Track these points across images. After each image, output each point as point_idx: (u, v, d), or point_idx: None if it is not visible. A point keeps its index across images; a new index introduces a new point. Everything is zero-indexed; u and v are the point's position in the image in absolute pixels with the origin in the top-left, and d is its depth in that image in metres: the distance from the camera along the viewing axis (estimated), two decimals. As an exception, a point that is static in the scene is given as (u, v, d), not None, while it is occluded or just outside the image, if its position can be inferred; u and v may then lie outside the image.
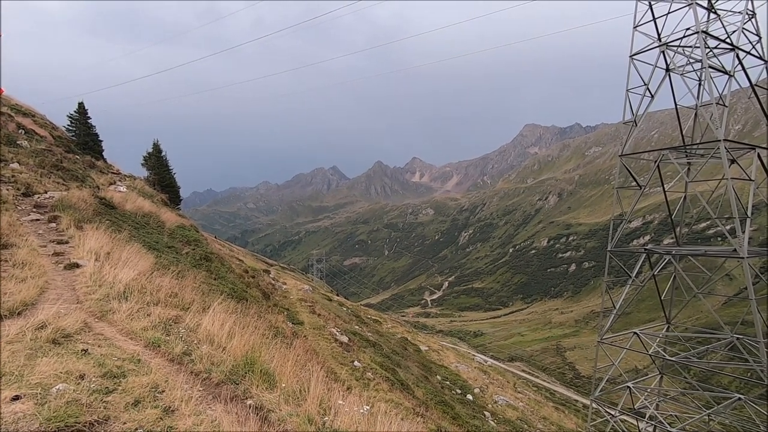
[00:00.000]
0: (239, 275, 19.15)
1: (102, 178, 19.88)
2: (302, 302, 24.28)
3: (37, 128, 22.25)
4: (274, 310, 16.78)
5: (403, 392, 15.86)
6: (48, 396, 3.34)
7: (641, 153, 21.88)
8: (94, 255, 8.17)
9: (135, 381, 3.89)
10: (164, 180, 28.94)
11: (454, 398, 22.34)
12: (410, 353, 28.43)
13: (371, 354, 19.96)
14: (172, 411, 3.61)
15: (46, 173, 14.74)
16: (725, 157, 16.14)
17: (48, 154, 17.20)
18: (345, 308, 33.52)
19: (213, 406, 3.97)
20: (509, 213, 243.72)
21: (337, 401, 4.92)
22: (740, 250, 15.80)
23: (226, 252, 28.88)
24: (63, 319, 4.85)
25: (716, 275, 53.77)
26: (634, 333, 20.93)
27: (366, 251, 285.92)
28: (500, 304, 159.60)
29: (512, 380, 40.39)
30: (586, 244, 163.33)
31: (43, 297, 5.91)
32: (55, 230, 9.87)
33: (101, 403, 3.43)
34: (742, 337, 18.52)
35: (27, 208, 10.89)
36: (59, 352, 4.19)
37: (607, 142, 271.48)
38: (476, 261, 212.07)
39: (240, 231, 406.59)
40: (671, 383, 23.94)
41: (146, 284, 7.12)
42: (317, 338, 17.97)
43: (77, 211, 11.23)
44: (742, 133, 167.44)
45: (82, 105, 27.54)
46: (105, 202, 14.00)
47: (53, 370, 3.72)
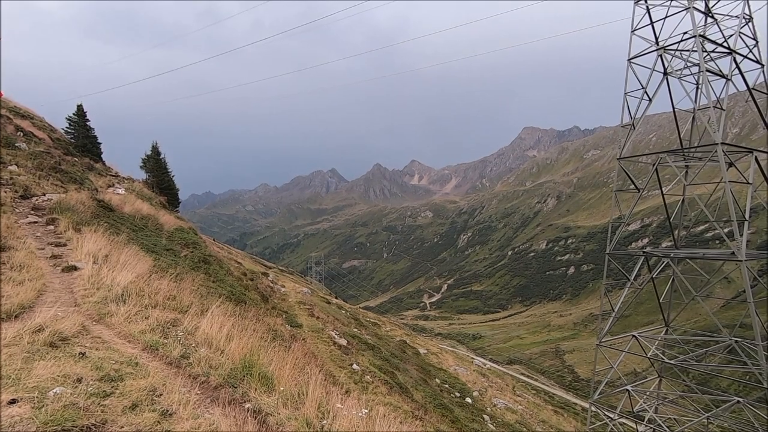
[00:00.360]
0: (238, 278, 19.12)
1: (100, 181, 19.86)
2: (301, 305, 24.23)
3: (35, 130, 22.22)
4: (272, 313, 16.74)
5: (401, 395, 15.82)
6: (45, 399, 3.32)
7: (639, 156, 21.95)
8: (92, 257, 8.15)
9: (132, 384, 3.87)
10: (163, 182, 28.90)
11: (453, 401, 22.29)
12: (409, 356, 28.38)
13: (370, 357, 19.92)
14: (169, 414, 3.60)
15: (45, 175, 14.71)
16: (723, 160, 16.20)
17: (46, 157, 17.17)
18: (344, 311, 33.47)
19: (211, 410, 3.95)
20: (508, 216, 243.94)
21: (336, 404, 4.90)
22: (738, 253, 15.83)
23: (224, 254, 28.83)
24: (60, 322, 4.83)
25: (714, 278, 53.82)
26: (632, 336, 20.93)
27: (365, 254, 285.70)
28: (499, 307, 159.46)
29: (511, 383, 40.33)
30: (584, 246, 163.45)
31: (40, 300, 5.89)
32: (53, 233, 9.85)
33: (98, 407, 3.42)
34: (741, 340, 18.54)
35: (25, 211, 10.86)
36: (56, 355, 4.18)
37: (605, 145, 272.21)
38: (475, 264, 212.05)
39: (239, 233, 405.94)
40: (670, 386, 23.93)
41: (144, 287, 7.11)
42: (316, 341, 17.93)
43: (75, 213, 11.20)
44: (739, 136, 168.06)
45: (81, 107, 27.52)
46: (103, 204, 13.98)
47: (50, 373, 3.70)
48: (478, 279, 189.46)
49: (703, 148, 18.08)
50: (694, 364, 20.13)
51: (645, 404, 21.53)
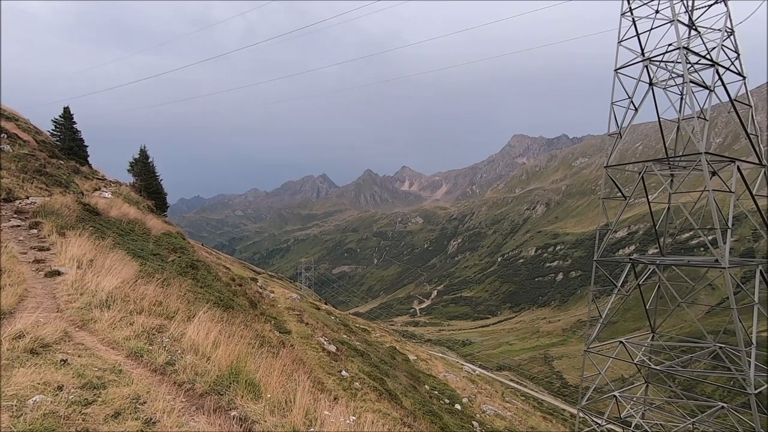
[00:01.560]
0: (226, 283, 18.91)
1: (86, 184, 19.56)
2: (290, 311, 24.04)
3: (20, 132, 21.85)
4: (261, 319, 16.56)
5: (391, 402, 15.73)
6: (24, 408, 3.24)
7: (626, 164, 22.33)
8: (77, 262, 8.01)
9: (116, 392, 3.80)
10: (151, 186, 28.59)
11: (443, 408, 22.23)
12: (398, 362, 28.27)
13: (359, 363, 19.80)
14: (153, 423, 3.53)
15: (29, 178, 14.45)
16: (706, 169, 16.56)
17: (31, 159, 16.88)
18: (333, 317, 33.28)
19: (196, 418, 3.89)
20: (498, 222, 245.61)
21: (324, 412, 4.86)
22: (722, 261, 16.14)
23: (213, 260, 28.54)
24: (42, 328, 4.73)
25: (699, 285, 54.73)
26: (620, 342, 21.15)
27: (355, 260, 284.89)
28: (489, 313, 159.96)
29: (500, 389, 40.38)
30: (573, 253, 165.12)
31: (22, 305, 5.76)
32: (37, 237, 9.65)
33: (80, 415, 3.34)
34: (725, 346, 18.84)
35: (8, 214, 10.64)
36: (37, 362, 4.08)
37: (593, 153, 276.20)
38: (465, 270, 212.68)
39: (228, 238, 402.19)
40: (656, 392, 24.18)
41: (130, 292, 6.99)
42: (305, 347, 17.78)
43: (60, 217, 11.00)
44: (722, 146, 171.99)
45: (68, 110, 27.18)
46: (89, 208, 13.76)
47: (30, 381, 3.61)
48: (468, 285, 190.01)
49: (688, 157, 18.46)
50: (680, 370, 20.39)
51: (632, 410, 21.71)
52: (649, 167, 19.56)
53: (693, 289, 27.37)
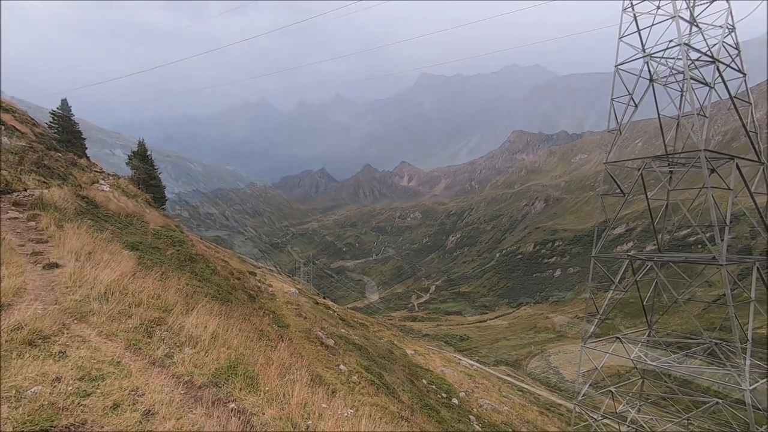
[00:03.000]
0: (224, 277, 18.91)
1: (84, 177, 19.48)
2: (288, 305, 24.08)
3: (17, 124, 21.72)
4: (259, 313, 16.59)
5: (388, 396, 15.81)
6: (22, 399, 3.25)
7: (625, 161, 22.33)
8: (75, 255, 8.00)
9: (114, 384, 3.81)
10: (149, 179, 28.51)
11: (440, 402, 22.36)
12: (396, 357, 28.40)
13: (357, 357, 19.88)
14: (152, 415, 3.55)
15: (26, 170, 14.39)
16: (705, 166, 16.57)
17: (28, 151, 16.80)
18: (331, 311, 33.36)
19: (194, 410, 3.91)
20: (496, 218, 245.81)
21: (321, 405, 4.89)
22: (719, 258, 16.20)
23: (211, 253, 28.50)
24: (40, 320, 4.73)
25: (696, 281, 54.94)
26: (616, 338, 21.27)
27: (354, 254, 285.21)
28: (486, 309, 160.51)
29: (497, 384, 40.62)
30: (571, 249, 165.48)
31: (20, 297, 5.76)
32: (35, 229, 9.63)
33: (78, 407, 3.35)
34: (721, 342, 18.97)
35: (5, 206, 10.60)
36: (35, 354, 4.09)
37: (592, 150, 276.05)
38: (463, 265, 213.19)
39: (226, 232, 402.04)
40: (652, 387, 24.34)
41: (128, 285, 6.99)
42: (303, 341, 17.83)
43: (58, 209, 10.98)
44: (722, 143, 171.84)
45: (66, 102, 27.04)
46: (87, 201, 13.72)
47: (28, 372, 3.62)
48: (466, 280, 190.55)
49: (687, 154, 18.47)
50: (675, 366, 20.52)
51: (628, 405, 21.88)
52: (648, 164, 19.58)
53: (690, 286, 27.49)
